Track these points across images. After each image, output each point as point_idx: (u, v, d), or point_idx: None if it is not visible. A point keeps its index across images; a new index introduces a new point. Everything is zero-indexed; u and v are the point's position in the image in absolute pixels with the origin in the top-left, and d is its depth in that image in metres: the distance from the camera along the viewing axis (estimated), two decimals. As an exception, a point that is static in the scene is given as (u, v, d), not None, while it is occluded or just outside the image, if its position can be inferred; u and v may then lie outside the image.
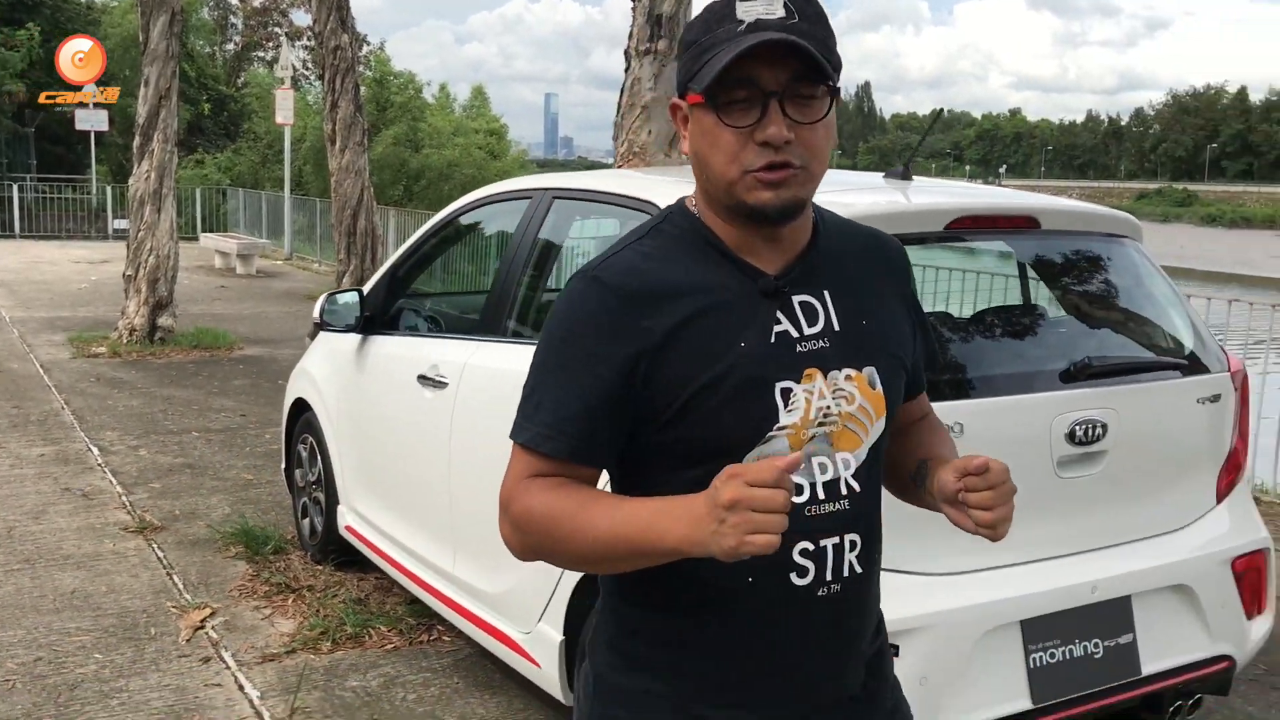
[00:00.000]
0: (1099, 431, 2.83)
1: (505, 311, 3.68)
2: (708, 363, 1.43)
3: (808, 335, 1.47)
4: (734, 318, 1.45)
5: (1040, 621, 2.79)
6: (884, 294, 1.56)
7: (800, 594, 1.46)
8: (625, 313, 1.43)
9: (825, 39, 1.40)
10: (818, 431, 1.45)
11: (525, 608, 3.35)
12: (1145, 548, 3.01)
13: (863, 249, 1.57)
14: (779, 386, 1.44)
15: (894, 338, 1.55)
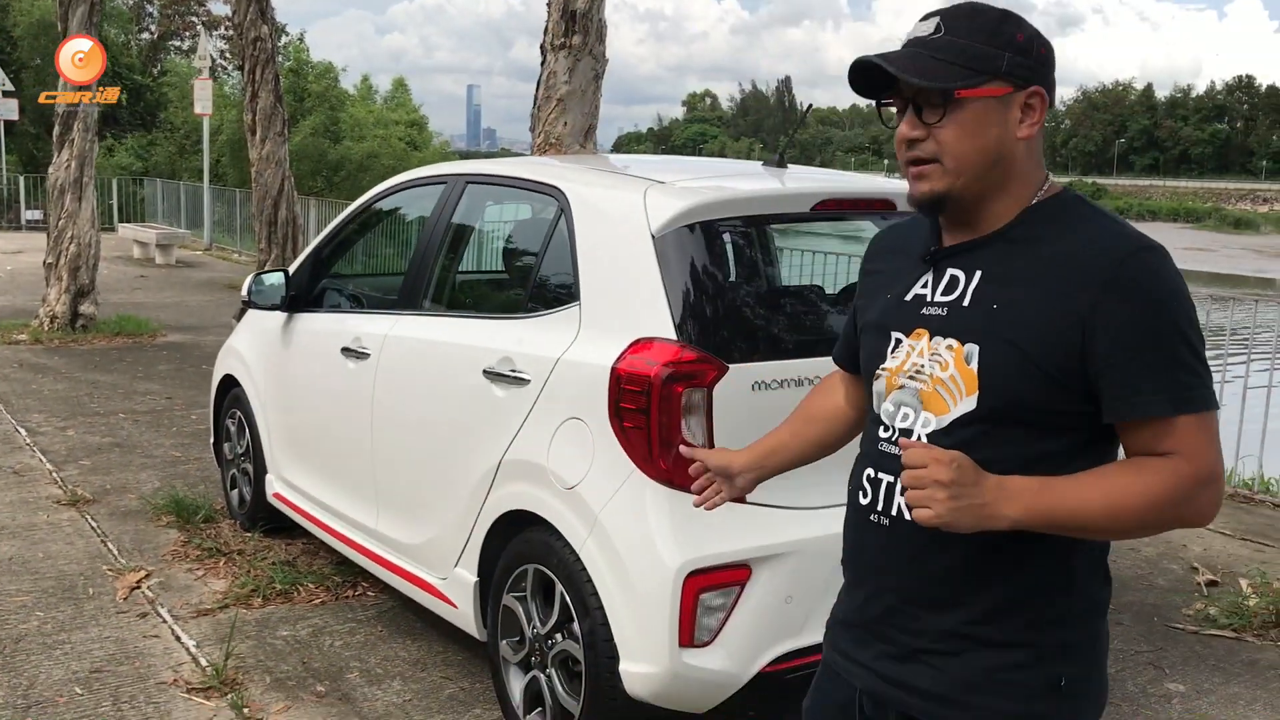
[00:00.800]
0: (941, 385, 3.26)
1: (422, 288, 4.02)
2: (870, 304, 1.79)
3: (935, 301, 1.65)
4: (900, 273, 1.73)
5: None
6: (1051, 296, 1.54)
7: (863, 512, 1.71)
8: None
9: (966, 51, 1.57)
10: (908, 383, 1.64)
11: (443, 555, 3.70)
12: (985, 487, 3.45)
13: (1067, 256, 1.56)
14: (894, 335, 1.70)
15: (1025, 332, 1.54)
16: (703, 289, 3.08)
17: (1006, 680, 1.61)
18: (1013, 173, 1.61)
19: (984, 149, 1.58)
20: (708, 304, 3.07)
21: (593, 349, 3.13)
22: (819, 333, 3.24)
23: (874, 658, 1.72)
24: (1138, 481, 1.51)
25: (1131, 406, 1.52)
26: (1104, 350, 1.51)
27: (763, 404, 3.00)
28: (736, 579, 2.96)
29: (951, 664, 1.63)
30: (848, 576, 1.81)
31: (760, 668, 2.98)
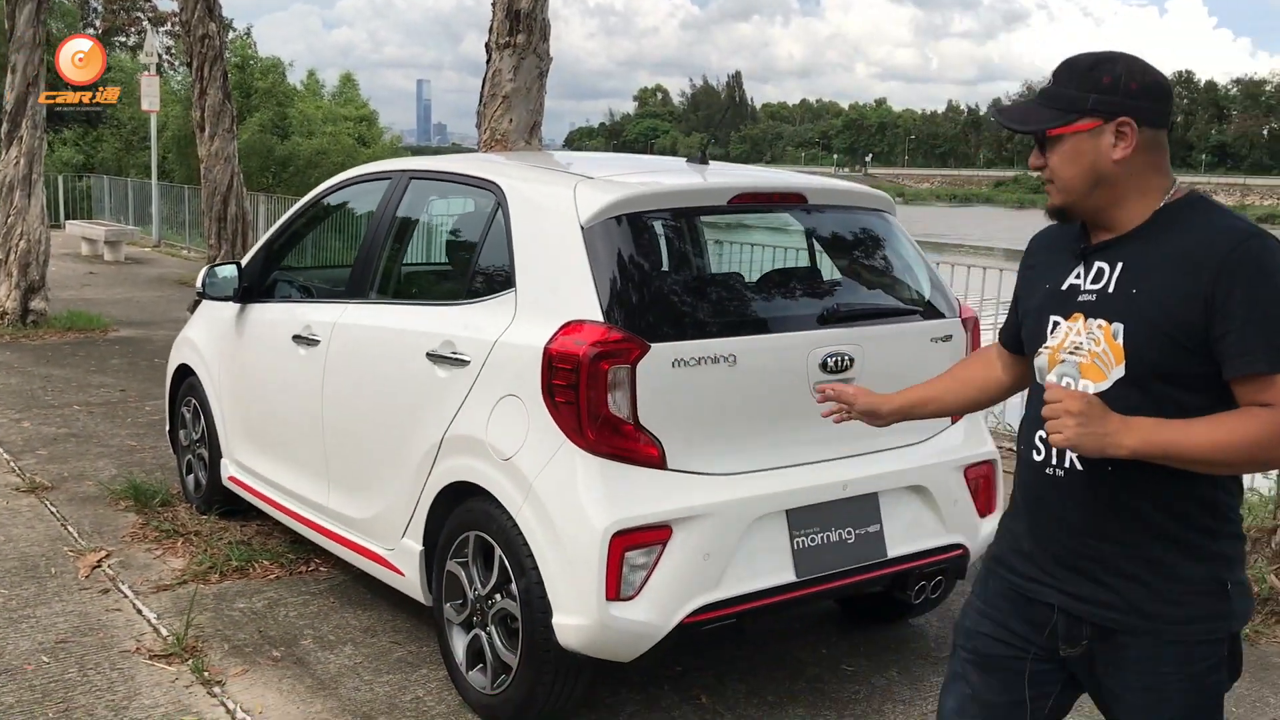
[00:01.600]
0: (847, 362, 3.57)
1: (369, 278, 4.28)
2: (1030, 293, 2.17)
3: (1087, 289, 2.03)
4: (1055, 267, 2.12)
5: (802, 512, 3.52)
6: (1178, 280, 1.90)
7: (1037, 467, 2.08)
8: None
9: (1060, 96, 1.98)
10: (1068, 358, 2.02)
11: (390, 527, 3.96)
12: (890, 456, 3.76)
13: (1189, 247, 1.91)
14: (1051, 319, 2.08)
15: (1160, 311, 1.90)
16: (628, 275, 3.37)
17: (1183, 592, 1.98)
18: (1124, 187, 1.98)
19: (1082, 173, 1.98)
20: (633, 288, 3.36)
21: (527, 331, 3.41)
22: (735, 315, 3.54)
23: (1061, 581, 2.07)
24: (1240, 425, 1.86)
25: (1240, 364, 1.86)
26: (1220, 321, 1.87)
27: (682, 380, 3.29)
28: (659, 538, 3.25)
29: (1135, 584, 1.99)
30: (1025, 520, 2.15)
31: (681, 619, 3.27)
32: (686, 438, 3.34)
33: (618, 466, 3.25)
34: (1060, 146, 1.99)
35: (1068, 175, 1.99)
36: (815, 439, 3.60)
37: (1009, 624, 2.15)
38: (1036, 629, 2.11)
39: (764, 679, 3.96)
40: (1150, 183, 1.99)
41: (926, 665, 4.12)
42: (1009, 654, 2.15)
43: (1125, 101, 1.95)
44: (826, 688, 3.92)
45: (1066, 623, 2.07)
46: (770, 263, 6.56)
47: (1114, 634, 2.02)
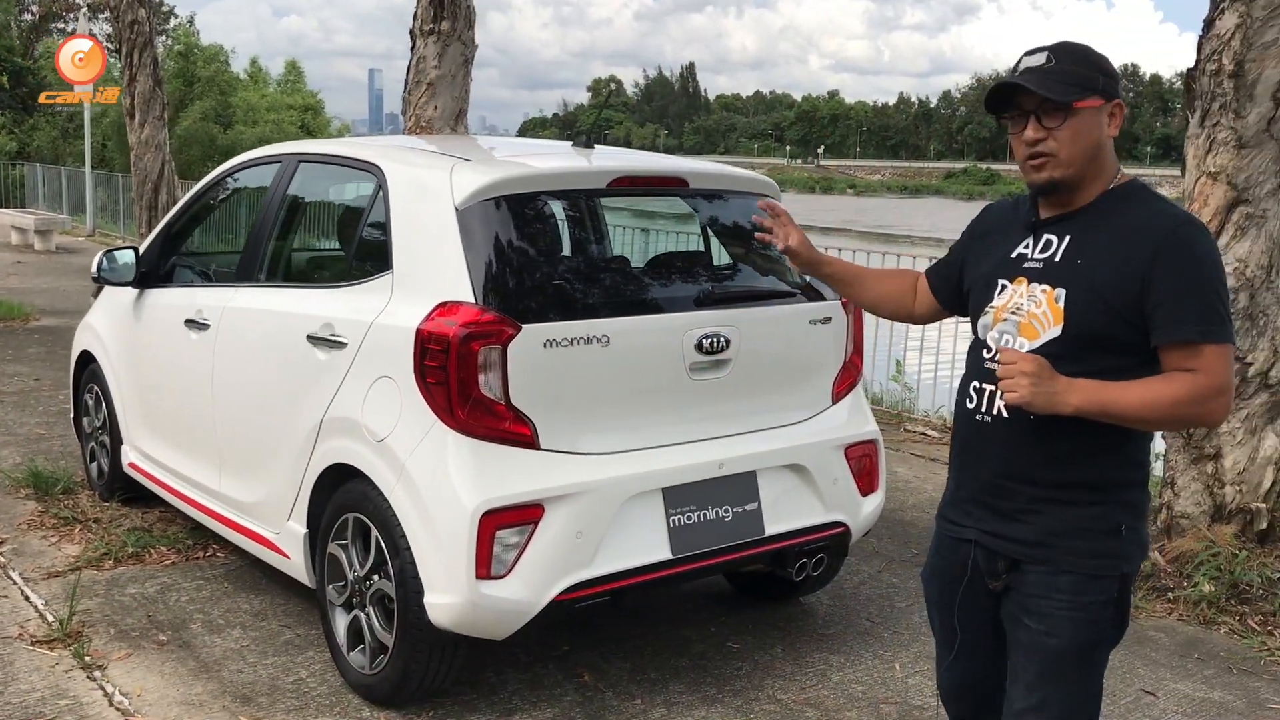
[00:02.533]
0: (723, 343, 3.62)
1: (258, 262, 4.27)
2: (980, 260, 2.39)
3: (1034, 258, 2.25)
4: (1006, 237, 2.33)
5: (678, 490, 3.57)
6: (1120, 256, 2.12)
7: (968, 414, 2.31)
8: None
9: (1074, 74, 2.15)
10: (1010, 317, 2.24)
11: (276, 510, 3.97)
12: (769, 435, 3.82)
13: (1133, 227, 2.15)
14: (999, 282, 2.29)
15: (1101, 281, 2.13)
16: (503, 256, 3.39)
17: (1083, 528, 2.20)
18: (1101, 164, 2.21)
19: (1086, 148, 2.17)
20: (507, 270, 3.38)
21: (402, 313, 3.43)
22: (611, 297, 3.57)
23: (980, 520, 2.31)
24: (1168, 387, 2.10)
25: (1172, 332, 2.10)
26: (1156, 293, 2.09)
27: (555, 360, 3.32)
28: (530, 517, 3.28)
29: (1041, 519, 2.22)
30: (955, 464, 2.40)
31: (553, 596, 3.31)
32: (559, 418, 3.37)
33: (489, 447, 3.28)
34: (1073, 120, 2.15)
35: (1074, 150, 2.16)
36: (692, 419, 3.65)
37: (948, 569, 2.40)
38: (964, 566, 2.35)
39: (648, 657, 4.01)
40: (1108, 166, 2.22)
41: (812, 642, 4.19)
42: (953, 596, 2.39)
43: (1117, 86, 2.21)
44: (710, 665, 3.97)
45: (984, 556, 2.30)
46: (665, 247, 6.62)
47: (1020, 564, 2.25)
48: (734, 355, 3.68)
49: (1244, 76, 4.65)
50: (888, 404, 8.31)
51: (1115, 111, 2.21)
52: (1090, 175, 2.20)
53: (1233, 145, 4.69)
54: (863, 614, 4.48)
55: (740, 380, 3.73)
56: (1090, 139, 2.16)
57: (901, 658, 4.09)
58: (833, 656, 4.08)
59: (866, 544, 5.26)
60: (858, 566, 4.99)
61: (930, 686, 3.86)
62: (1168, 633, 4.39)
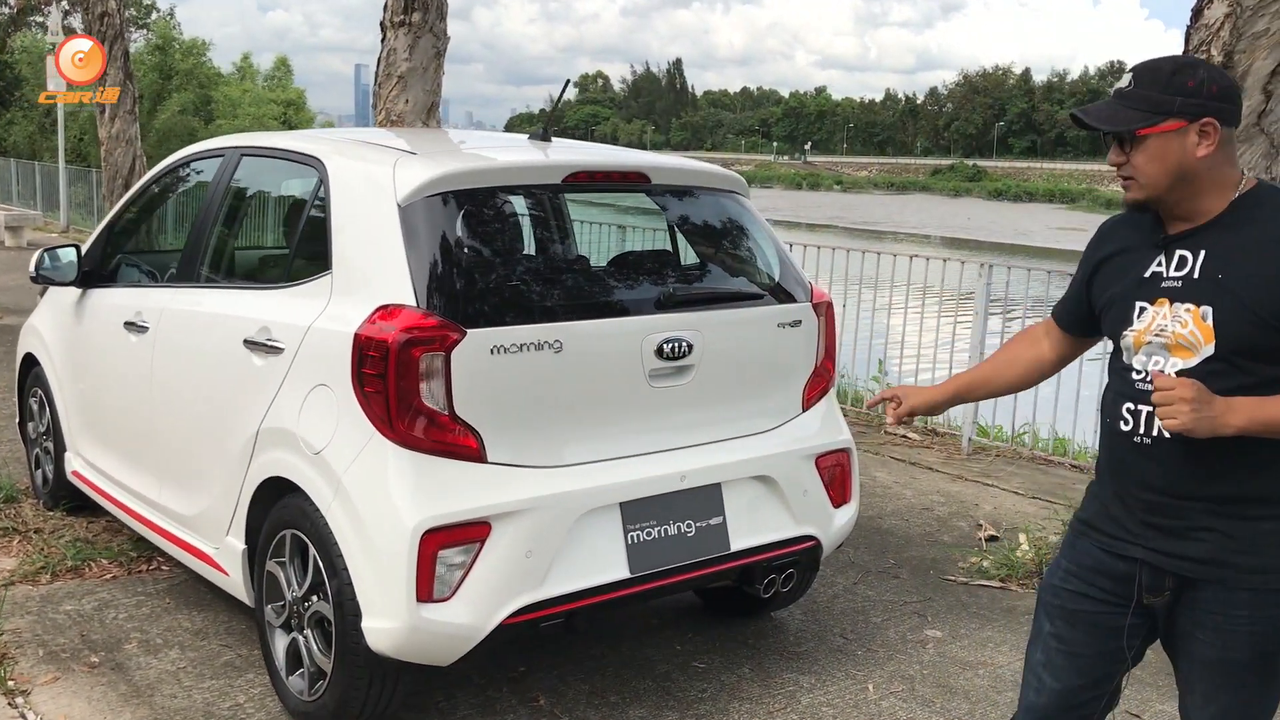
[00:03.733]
0: (685, 349, 3.42)
1: (198, 260, 4.05)
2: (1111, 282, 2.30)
3: (1170, 276, 2.19)
4: (1135, 256, 2.26)
5: (637, 505, 3.36)
6: (1263, 266, 2.08)
7: (1125, 436, 2.23)
8: None
9: (1146, 99, 2.13)
10: (1154, 339, 2.18)
11: (215, 524, 3.75)
12: (735, 445, 3.62)
13: (1273, 234, 2.10)
14: (1137, 304, 2.23)
15: (1247, 294, 2.08)
16: (448, 256, 3.18)
17: (1257, 544, 2.14)
18: (1204, 182, 2.14)
19: (1167, 170, 2.13)
20: (452, 271, 3.17)
21: (340, 317, 3.21)
22: (563, 299, 3.36)
23: (1146, 539, 2.22)
24: None
25: None
26: None
27: (503, 368, 3.11)
28: (476, 536, 3.08)
29: (1213, 535, 2.16)
30: (1111, 486, 2.30)
31: (501, 620, 3.10)
32: (508, 429, 3.16)
33: (432, 460, 3.07)
34: (1145, 145, 2.13)
35: (1152, 172, 2.13)
36: (652, 429, 3.45)
37: (1095, 581, 2.31)
38: (1122, 583, 2.27)
39: (610, 678, 3.80)
40: (1226, 176, 2.16)
41: (781, 661, 3.99)
42: (1095, 609, 2.31)
43: (1208, 104, 2.12)
44: (673, 686, 3.77)
45: (1150, 574, 2.23)
46: (639, 247, 6.42)
47: (1194, 582, 2.19)
48: (697, 361, 3.47)
49: (1233, 69, 4.45)
50: (868, 406, 8.10)
51: (1208, 130, 2.12)
52: (1199, 191, 2.16)
53: (1222, 140, 4.49)
54: (836, 630, 4.28)
55: (704, 387, 3.52)
56: (1169, 162, 2.13)
57: (875, 677, 3.90)
58: (803, 677, 3.88)
59: (842, 555, 5.07)
60: (832, 579, 4.80)
61: (905, 710, 3.66)
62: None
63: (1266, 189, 2.19)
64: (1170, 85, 2.13)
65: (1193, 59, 2.20)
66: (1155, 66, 2.17)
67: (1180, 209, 2.18)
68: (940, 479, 6.46)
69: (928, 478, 6.48)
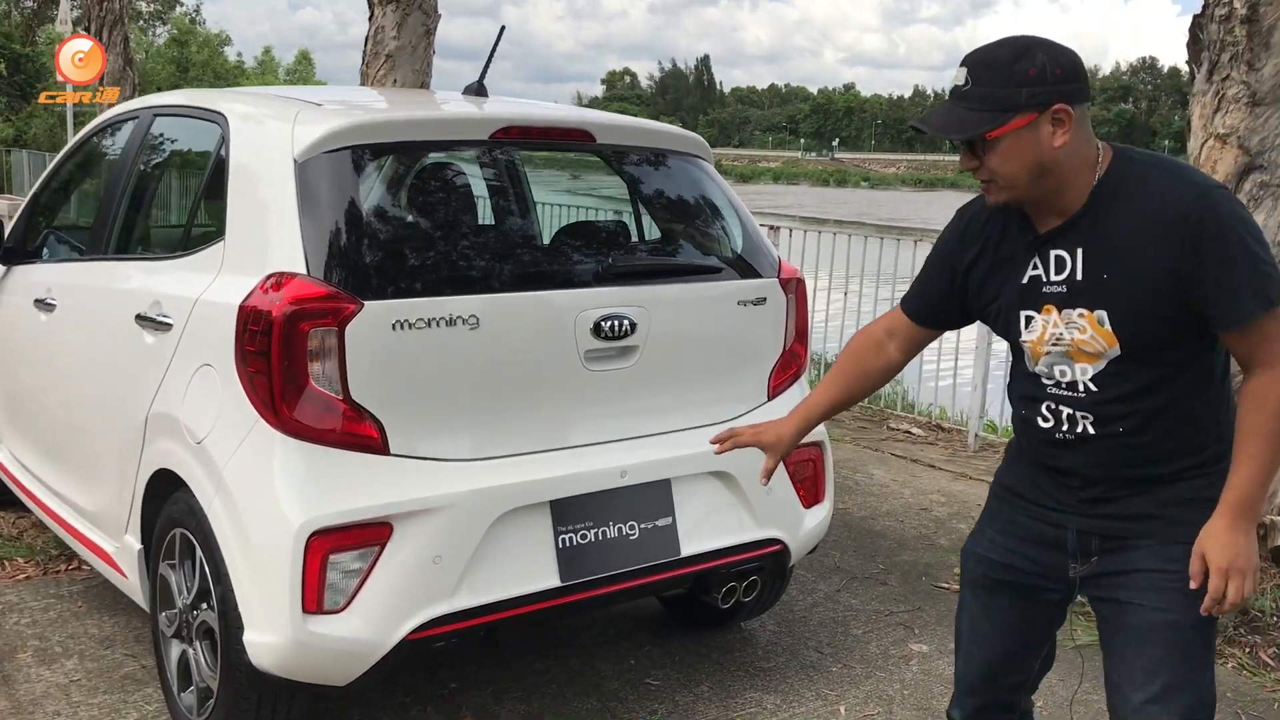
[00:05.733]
0: (626, 327, 3.01)
1: (107, 230, 3.67)
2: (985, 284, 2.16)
3: (1052, 281, 2.04)
4: (1007, 259, 2.11)
5: (570, 504, 2.96)
6: (1146, 256, 1.94)
7: (1046, 433, 2.12)
8: None
9: (988, 97, 1.93)
10: (1052, 349, 2.06)
11: (115, 521, 3.38)
12: (687, 437, 3.21)
13: (1145, 215, 1.95)
14: (1022, 314, 2.09)
15: (1139, 291, 1.95)
16: (350, 219, 2.79)
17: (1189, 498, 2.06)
18: (1066, 171, 1.98)
19: (1026, 166, 1.96)
20: (353, 236, 2.78)
21: (228, 288, 2.83)
22: (482, 269, 2.95)
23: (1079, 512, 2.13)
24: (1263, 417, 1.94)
25: (1232, 317, 1.93)
26: (1200, 284, 1.91)
27: (409, 346, 2.72)
28: (375, 538, 2.69)
29: (1145, 497, 2.08)
30: (1035, 470, 2.20)
31: (405, 634, 2.71)
32: (415, 417, 2.77)
33: (324, 452, 2.68)
34: (998, 146, 1.95)
35: (1010, 172, 1.97)
36: (589, 418, 3.05)
37: (1021, 549, 2.22)
38: (1049, 550, 2.18)
39: (550, 697, 3.41)
40: (1086, 157, 1.99)
41: (745, 678, 3.58)
42: (1019, 579, 2.23)
43: (1056, 89, 1.94)
44: (621, 706, 3.37)
45: (1078, 539, 2.14)
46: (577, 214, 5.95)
47: (1125, 544, 2.10)
48: (642, 342, 3.07)
49: (1259, 22, 4.00)
50: (870, 398, 7.67)
51: (1061, 117, 1.94)
52: (1064, 180, 1.99)
53: (1245, 103, 4.05)
54: (811, 643, 3.86)
55: (650, 371, 3.12)
56: (1026, 159, 1.95)
57: (850, 698, 3.48)
58: (767, 696, 3.47)
59: (826, 559, 4.65)
60: (812, 585, 4.38)
61: (878, 737, 3.25)
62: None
63: (1123, 161, 2.01)
64: (1012, 77, 1.93)
65: (1028, 40, 1.96)
66: (991, 58, 1.96)
67: (1047, 203, 2.03)
68: (942, 477, 6.02)
69: (929, 476, 6.04)
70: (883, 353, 2.39)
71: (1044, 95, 1.92)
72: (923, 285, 2.31)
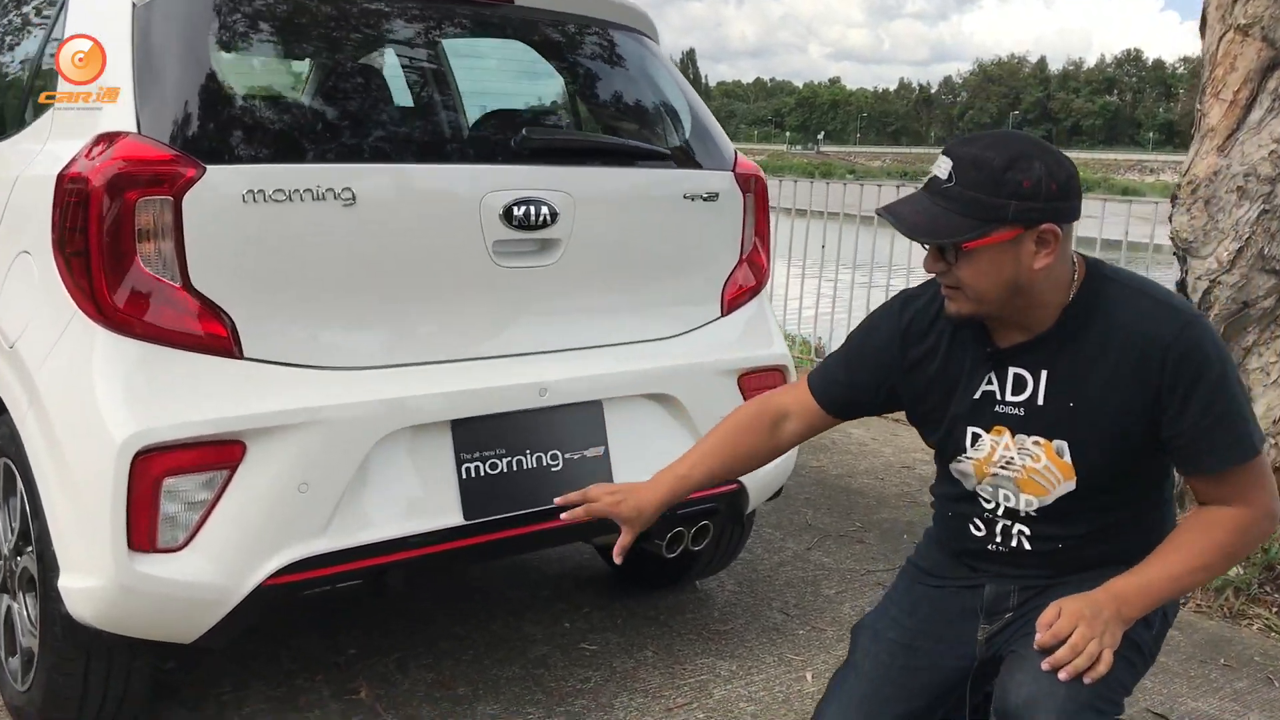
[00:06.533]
0: (545, 216, 2.50)
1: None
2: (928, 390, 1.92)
3: (1008, 401, 1.83)
4: (958, 366, 1.87)
5: (475, 426, 2.45)
6: (1118, 387, 1.74)
7: (980, 541, 1.94)
8: None
9: (971, 202, 1.68)
10: (1000, 472, 1.86)
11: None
12: (623, 353, 2.71)
13: (1120, 342, 1.74)
14: (969, 430, 1.87)
15: (1107, 423, 1.76)
16: (196, 70, 2.27)
17: None
18: (1041, 291, 1.75)
19: (999, 284, 1.72)
20: (198, 89, 2.25)
21: (52, 156, 2.31)
22: (360, 134, 2.43)
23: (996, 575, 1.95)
24: (1208, 542, 1.76)
25: (1208, 463, 1.75)
26: (1175, 422, 1.73)
27: (265, 223, 2.20)
28: (223, 460, 2.16)
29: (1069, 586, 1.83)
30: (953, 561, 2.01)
31: (262, 579, 2.20)
32: (276, 313, 2.25)
33: (158, 352, 2.15)
34: (974, 258, 1.72)
35: (981, 287, 1.74)
36: (499, 323, 2.54)
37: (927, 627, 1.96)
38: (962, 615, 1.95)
39: (465, 664, 2.90)
40: (1062, 277, 1.77)
41: (697, 642, 3.08)
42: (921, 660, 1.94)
43: (1048, 207, 1.69)
44: (549, 674, 2.86)
45: (994, 595, 1.94)
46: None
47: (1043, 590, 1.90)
48: (565, 235, 2.56)
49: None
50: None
51: (1048, 238, 1.70)
52: (1034, 301, 1.77)
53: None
54: (775, 604, 3.37)
55: (577, 272, 2.61)
56: (1001, 276, 1.72)
57: (817, 663, 2.98)
58: (722, 662, 2.97)
59: (798, 516, 4.16)
60: (780, 543, 3.88)
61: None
62: (1184, 630, 3.27)
63: (1098, 279, 1.79)
64: (1003, 185, 1.67)
65: (1027, 147, 1.69)
66: (982, 159, 1.69)
67: (1014, 320, 1.80)
68: (927, 436, 5.53)
69: (912, 435, 5.53)
70: (776, 434, 2.07)
71: (1034, 213, 1.68)
72: (848, 374, 2.02)
